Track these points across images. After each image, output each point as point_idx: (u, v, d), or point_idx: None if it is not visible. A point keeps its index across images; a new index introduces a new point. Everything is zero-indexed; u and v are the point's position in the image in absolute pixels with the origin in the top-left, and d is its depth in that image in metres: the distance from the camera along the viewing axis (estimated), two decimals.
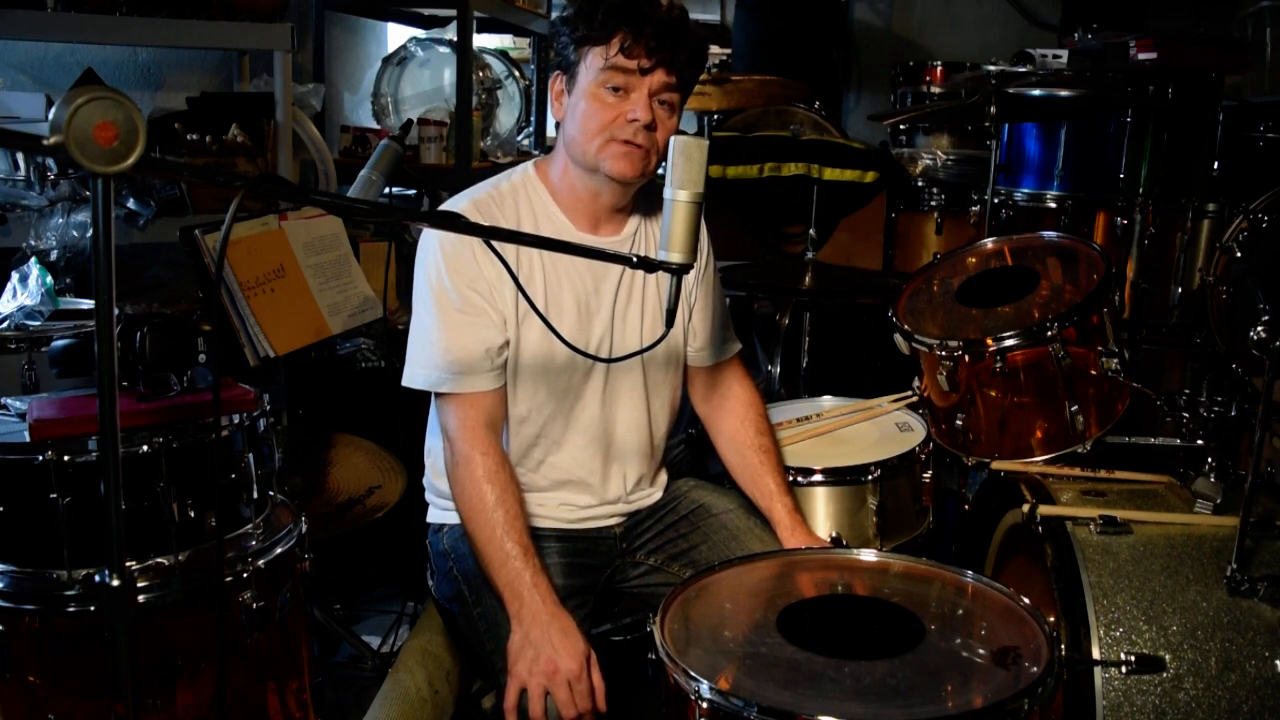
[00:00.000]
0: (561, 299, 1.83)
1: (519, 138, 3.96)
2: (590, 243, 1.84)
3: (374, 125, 3.73)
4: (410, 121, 2.78)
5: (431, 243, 1.81)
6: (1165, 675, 1.55)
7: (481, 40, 4.11)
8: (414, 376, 1.80)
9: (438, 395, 1.82)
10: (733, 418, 2.03)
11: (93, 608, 1.55)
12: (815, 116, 3.73)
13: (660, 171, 1.65)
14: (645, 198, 1.94)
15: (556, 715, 1.58)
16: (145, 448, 1.59)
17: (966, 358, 2.15)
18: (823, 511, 2.12)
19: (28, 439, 1.57)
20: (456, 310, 1.77)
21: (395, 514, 2.24)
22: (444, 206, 1.86)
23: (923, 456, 2.21)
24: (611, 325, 1.87)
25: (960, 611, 1.53)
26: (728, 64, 4.31)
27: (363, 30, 4.14)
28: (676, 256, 1.43)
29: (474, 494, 1.74)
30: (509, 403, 1.84)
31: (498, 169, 2.41)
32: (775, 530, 1.91)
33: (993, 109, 2.78)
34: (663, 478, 2.04)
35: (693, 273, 1.92)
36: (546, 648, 1.60)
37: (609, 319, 1.86)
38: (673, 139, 1.44)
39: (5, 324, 2.24)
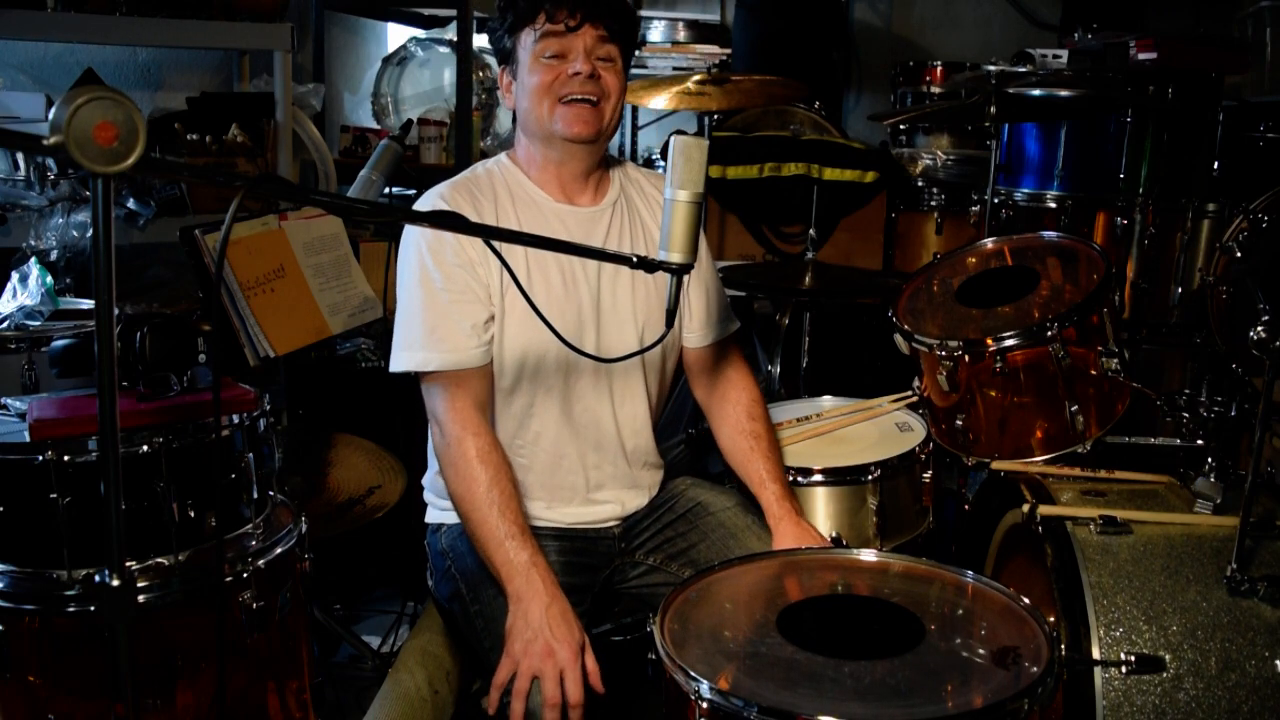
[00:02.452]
0: (546, 270, 1.83)
1: None
2: (568, 213, 1.88)
3: (374, 125, 3.73)
4: (410, 121, 2.78)
5: (412, 229, 1.84)
6: (1165, 675, 1.55)
7: (481, 40, 4.10)
8: (400, 360, 1.80)
9: (424, 378, 1.81)
10: (727, 404, 2.03)
11: (93, 608, 1.55)
12: (815, 116, 3.73)
13: (659, 164, 1.65)
14: (622, 168, 1.97)
15: (540, 704, 1.57)
16: (145, 448, 1.59)
17: (966, 358, 2.15)
18: (823, 511, 2.12)
19: (28, 439, 1.57)
20: (440, 290, 1.78)
21: (395, 514, 2.24)
22: (422, 199, 1.88)
23: (923, 456, 2.22)
24: (599, 293, 1.87)
25: (960, 611, 1.53)
26: (728, 64, 4.31)
27: (363, 30, 4.15)
28: (676, 256, 1.43)
29: (467, 475, 1.74)
30: (496, 375, 1.84)
31: None
32: (765, 516, 1.92)
33: (993, 109, 2.78)
34: (661, 465, 2.04)
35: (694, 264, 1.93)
36: (545, 632, 1.60)
37: (596, 286, 1.87)
38: (673, 139, 1.45)
39: (5, 324, 2.24)
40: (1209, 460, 1.83)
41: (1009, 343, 2.11)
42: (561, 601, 1.64)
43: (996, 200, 3.05)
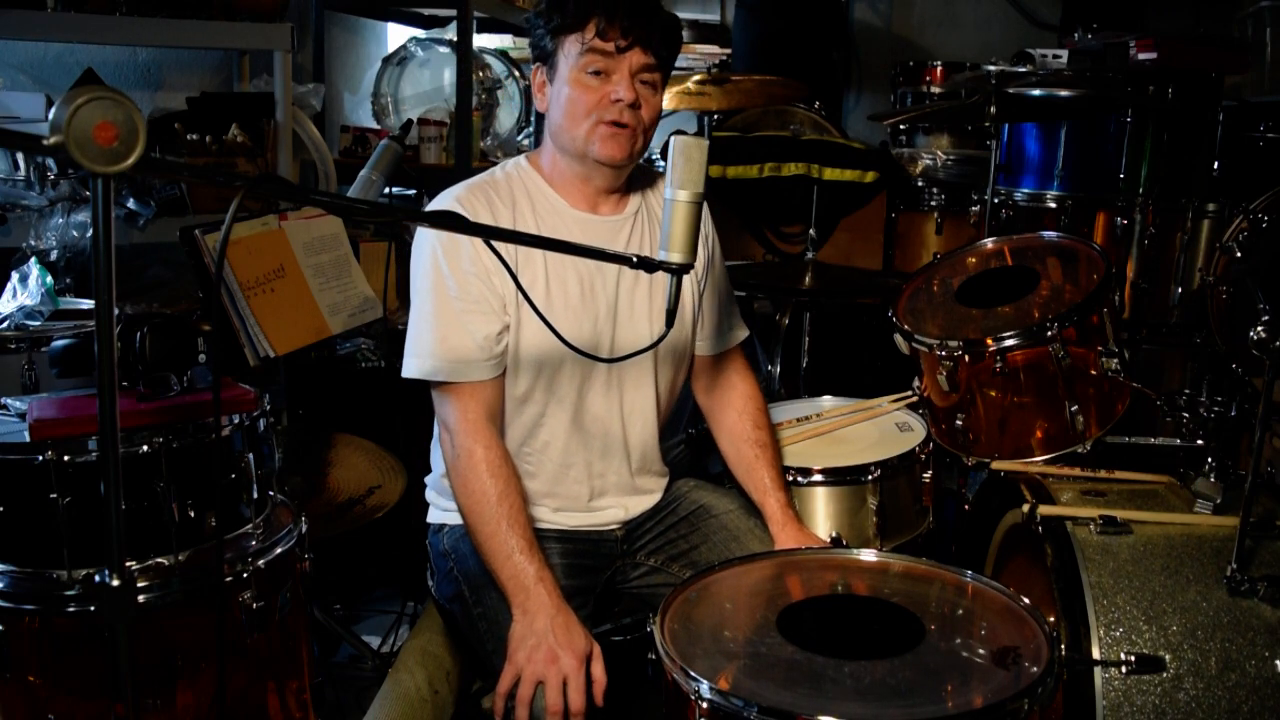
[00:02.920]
0: (565, 280, 1.82)
1: (519, 138, 3.96)
2: (590, 222, 1.86)
3: (374, 125, 3.73)
4: (410, 121, 2.78)
5: (429, 230, 1.81)
6: (1165, 675, 1.55)
7: (481, 40, 4.11)
8: (410, 366, 1.79)
9: (435, 386, 1.80)
10: (732, 411, 2.03)
11: (93, 608, 1.55)
12: (815, 116, 3.72)
13: (659, 164, 1.66)
14: (645, 176, 1.95)
15: (544, 708, 1.57)
16: (145, 448, 1.59)
17: (966, 358, 2.15)
18: (823, 511, 2.12)
19: (28, 439, 1.57)
20: (454, 299, 1.76)
21: (395, 514, 2.24)
22: (436, 199, 1.85)
23: (923, 456, 2.21)
24: (616, 305, 1.86)
25: (960, 611, 1.53)
26: (728, 64, 4.31)
27: (363, 30, 4.15)
28: (676, 256, 1.43)
29: (477, 489, 1.73)
30: (509, 382, 1.82)
31: None
32: (767, 525, 1.91)
33: (993, 109, 2.78)
34: (666, 471, 2.04)
35: (699, 262, 1.92)
36: (549, 639, 1.60)
37: (614, 298, 1.86)
38: (673, 139, 1.44)
39: (5, 324, 2.24)
40: (1209, 460, 1.83)
41: (1009, 343, 2.11)
42: (567, 613, 1.64)
43: (996, 200, 3.05)
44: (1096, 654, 1.56)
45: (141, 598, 1.56)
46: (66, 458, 1.55)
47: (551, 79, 1.79)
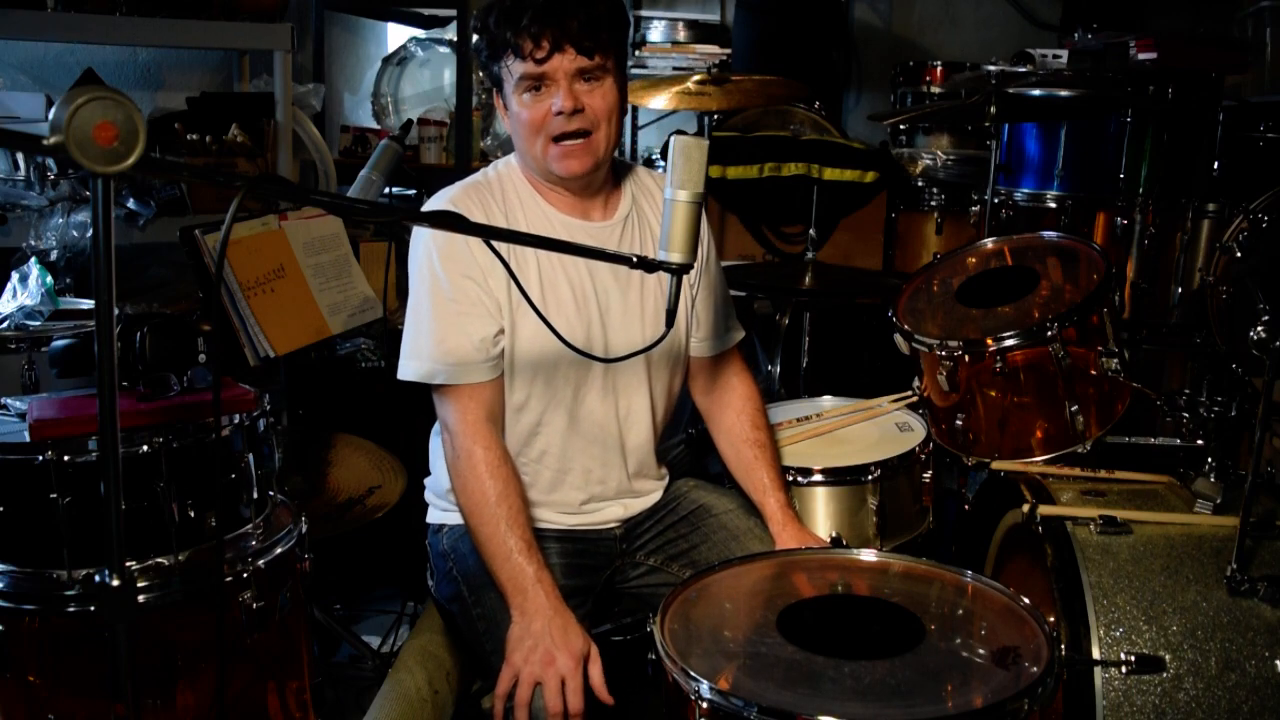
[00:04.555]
0: (558, 286, 1.82)
1: None
2: (581, 228, 1.85)
3: (374, 125, 3.73)
4: (410, 121, 2.78)
5: (424, 232, 1.81)
6: (1165, 675, 1.55)
7: None
8: (407, 369, 1.79)
9: (435, 388, 1.80)
10: (730, 411, 2.03)
11: (93, 608, 1.55)
12: (815, 116, 3.72)
13: (659, 164, 1.65)
14: (634, 179, 1.94)
15: (543, 709, 1.58)
16: (145, 448, 1.59)
17: (966, 358, 2.15)
18: (823, 511, 2.12)
19: (28, 439, 1.57)
20: (449, 300, 1.76)
21: (395, 514, 2.24)
22: (430, 201, 1.85)
23: (923, 456, 2.21)
24: (608, 310, 1.85)
25: (960, 611, 1.53)
26: (728, 64, 4.31)
27: (363, 30, 4.15)
28: (676, 256, 1.43)
29: (476, 489, 1.73)
30: (506, 390, 1.82)
31: None
32: (767, 525, 1.91)
33: (993, 109, 2.78)
34: (664, 474, 2.04)
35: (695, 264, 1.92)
36: (546, 640, 1.60)
37: (604, 303, 1.85)
38: (673, 139, 1.44)
39: (5, 324, 2.24)
40: (1209, 460, 1.83)
41: (1009, 343, 2.11)
42: (565, 614, 1.64)
43: (996, 200, 3.05)
44: (1096, 654, 1.56)
45: (141, 598, 1.57)
46: (66, 458, 1.55)
47: (506, 104, 1.79)
